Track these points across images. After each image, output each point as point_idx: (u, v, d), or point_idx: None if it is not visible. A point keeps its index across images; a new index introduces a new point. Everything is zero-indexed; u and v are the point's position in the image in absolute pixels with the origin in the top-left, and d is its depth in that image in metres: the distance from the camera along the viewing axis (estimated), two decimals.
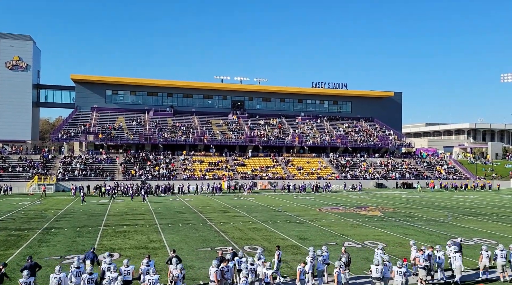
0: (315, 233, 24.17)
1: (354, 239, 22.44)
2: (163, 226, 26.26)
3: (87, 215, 31.23)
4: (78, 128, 62.82)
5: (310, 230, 25.16)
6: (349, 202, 42.16)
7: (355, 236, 23.34)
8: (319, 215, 32.16)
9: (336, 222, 28.35)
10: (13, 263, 17.26)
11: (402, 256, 17.29)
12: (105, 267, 13.49)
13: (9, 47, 67.12)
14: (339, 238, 22.77)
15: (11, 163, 55.01)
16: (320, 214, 32.75)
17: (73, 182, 51.21)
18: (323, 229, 25.70)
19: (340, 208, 36.43)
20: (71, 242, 21.51)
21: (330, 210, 34.96)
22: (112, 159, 59.18)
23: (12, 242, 21.29)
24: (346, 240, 22.09)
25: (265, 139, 69.29)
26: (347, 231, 24.96)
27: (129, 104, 73.34)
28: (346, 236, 23.18)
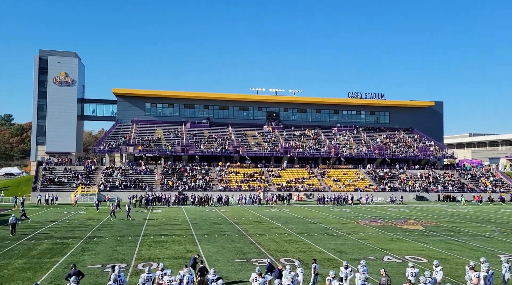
0: (352, 247, 23.60)
1: (394, 253, 21.72)
2: (200, 237, 26.51)
3: (127, 224, 32.06)
4: (119, 140, 65.04)
5: (348, 243, 24.60)
6: (388, 215, 40.93)
7: (395, 250, 22.59)
8: (357, 228, 31.42)
9: (374, 236, 27.57)
10: (58, 271, 17.95)
11: (446, 272, 16.52)
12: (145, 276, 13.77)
13: (57, 63, 70.85)
14: (378, 252, 22.11)
15: (57, 174, 57.61)
16: (358, 227, 31.99)
17: (114, 192, 52.97)
18: (361, 242, 25.06)
19: (378, 221, 35.44)
20: (112, 251, 22.12)
21: (368, 223, 34.07)
22: (150, 170, 60.70)
23: (57, 250, 22.17)
24: (385, 254, 21.42)
25: (301, 150, 68.86)
26: (387, 245, 24.20)
27: (167, 116, 75.25)
28: (386, 250, 22.47)
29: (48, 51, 71.84)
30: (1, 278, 16.67)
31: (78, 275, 13.95)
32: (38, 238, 25.55)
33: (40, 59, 71.13)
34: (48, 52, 71.65)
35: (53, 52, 71.98)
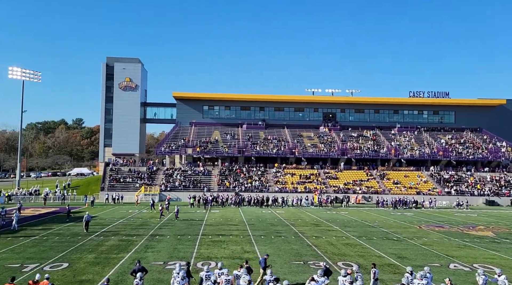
0: (415, 252, 22.56)
1: (461, 261, 20.46)
2: (256, 238, 26.72)
3: (187, 224, 33.12)
4: (179, 142, 67.45)
5: (410, 249, 23.56)
6: (454, 220, 38.64)
7: (462, 257, 21.27)
8: (420, 233, 29.99)
9: (439, 241, 26.15)
10: (124, 266, 18.96)
11: None
12: (203, 274, 14.14)
13: (122, 69, 75.04)
14: (443, 259, 20.94)
15: (122, 174, 60.96)
16: (421, 232, 30.53)
17: (174, 192, 55.13)
18: (424, 248, 23.88)
19: (443, 226, 33.57)
20: (172, 249, 22.96)
21: (432, 228, 32.39)
22: (208, 171, 62.28)
23: (123, 247, 23.42)
24: (451, 261, 20.24)
25: (358, 151, 67.12)
26: (453, 251, 22.86)
27: (223, 119, 76.82)
28: (452, 257, 21.23)
29: (115, 58, 76.26)
30: (74, 271, 17.93)
31: (142, 271, 14.62)
32: (106, 235, 27.17)
33: (107, 66, 75.74)
34: (115, 59, 76.06)
35: (118, 59, 76.31)
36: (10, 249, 22.32)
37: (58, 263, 19.27)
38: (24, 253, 21.37)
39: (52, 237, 26.30)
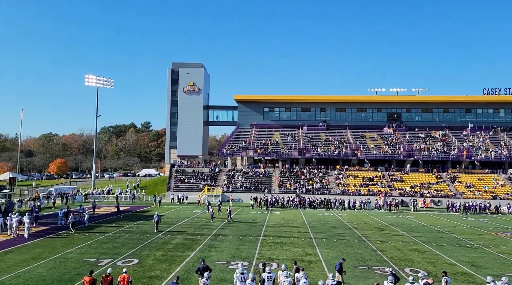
0: (491, 261, 20.94)
1: None
2: (318, 240, 26.37)
3: (248, 225, 33.54)
4: (240, 143, 68.59)
5: (486, 257, 21.91)
6: None
7: None
8: (497, 240, 27.78)
9: None
10: (189, 264, 19.63)
11: None
12: (265, 276, 14.21)
13: (186, 74, 77.93)
14: None
15: (186, 175, 63.26)
16: (498, 239, 28.27)
17: (236, 193, 56.12)
18: (502, 257, 22.09)
19: None
20: (235, 249, 23.36)
21: (511, 236, 29.86)
22: (269, 173, 62.64)
23: (188, 245, 24.26)
24: None
25: (426, 153, 63.74)
26: None
27: (284, 120, 76.86)
28: None
29: (179, 64, 79.41)
30: (144, 267, 18.89)
31: (207, 270, 15.02)
32: (172, 233, 28.31)
33: (172, 71, 79.08)
34: (179, 64, 79.20)
35: (183, 64, 79.34)
36: (87, 245, 24.05)
37: (129, 259, 20.42)
38: (99, 249, 22.91)
39: (124, 234, 27.93)
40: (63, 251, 22.07)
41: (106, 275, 14.00)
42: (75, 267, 18.70)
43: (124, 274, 13.98)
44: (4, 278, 16.87)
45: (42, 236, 26.91)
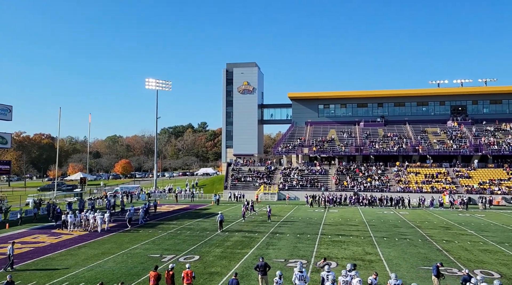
0: None
1: None
2: (378, 239, 25.58)
3: (305, 223, 33.31)
4: (295, 141, 68.27)
5: None
6: None
7: None
8: None
9: None
10: (248, 261, 19.89)
11: None
12: (324, 274, 14.03)
13: (240, 74, 79.00)
14: None
15: (243, 174, 64.13)
16: None
17: (292, 191, 56.00)
18: None
19: None
20: (293, 247, 23.31)
21: None
22: (325, 170, 61.76)
23: (246, 243, 24.59)
24: None
25: (496, 147, 59.43)
26: None
27: (339, 117, 75.36)
28: None
29: (233, 64, 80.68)
30: (205, 264, 19.43)
31: (266, 267, 15.14)
32: (231, 231, 28.83)
33: (227, 71, 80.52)
34: (233, 65, 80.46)
35: (237, 64, 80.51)
36: (151, 241, 25.19)
37: (190, 255, 21.10)
38: (163, 245, 23.91)
39: (185, 231, 28.91)
40: (130, 247, 23.30)
41: (169, 270, 14.57)
42: (141, 262, 19.66)
43: (187, 270, 14.47)
44: (78, 271, 18.14)
45: (112, 232, 28.60)
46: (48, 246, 23.88)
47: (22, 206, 44.20)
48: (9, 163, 48.78)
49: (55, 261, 20.13)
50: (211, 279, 16.84)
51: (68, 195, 58.16)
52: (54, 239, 25.95)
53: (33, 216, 35.92)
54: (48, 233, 28.36)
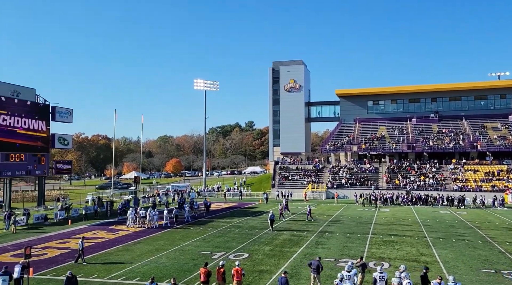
0: None
1: None
2: (434, 240, 24.50)
3: (355, 222, 32.59)
4: (343, 139, 66.97)
5: None
6: None
7: None
8: None
9: None
10: (297, 260, 19.80)
11: None
12: (377, 275, 13.65)
13: (286, 72, 78.73)
14: None
15: (290, 172, 63.92)
16: None
17: (340, 190, 55.05)
18: None
19: None
20: (342, 246, 22.90)
21: None
22: (375, 169, 60.07)
23: (295, 241, 24.48)
24: None
25: None
26: None
27: (390, 113, 72.98)
28: None
29: (280, 62, 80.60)
30: (254, 262, 19.58)
31: (319, 267, 15.04)
32: (279, 229, 28.82)
33: (273, 70, 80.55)
34: (279, 63, 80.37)
35: (283, 62, 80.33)
36: (202, 238, 25.78)
37: (239, 253, 21.35)
38: (213, 242, 24.39)
39: (234, 229, 29.30)
40: (182, 244, 23.98)
41: (219, 267, 14.82)
42: (192, 259, 20.18)
43: (237, 267, 14.65)
44: (134, 266, 18.95)
45: (164, 229, 29.60)
46: (107, 241, 25.14)
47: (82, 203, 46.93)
48: (70, 163, 51.98)
49: (113, 256, 21.16)
50: (261, 277, 16.93)
51: (124, 193, 60.89)
52: (112, 235, 27.28)
53: (94, 213, 38.01)
54: (106, 229, 29.87)
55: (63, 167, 48.80)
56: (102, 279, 16.94)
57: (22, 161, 40.11)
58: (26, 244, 22.80)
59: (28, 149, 40.89)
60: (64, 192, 65.96)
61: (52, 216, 35.48)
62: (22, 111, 40.26)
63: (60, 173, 51.30)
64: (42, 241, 25.65)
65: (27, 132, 40.82)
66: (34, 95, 42.34)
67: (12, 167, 39.18)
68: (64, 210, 37.19)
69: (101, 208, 40.08)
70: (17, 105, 39.78)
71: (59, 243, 24.90)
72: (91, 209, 38.72)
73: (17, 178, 55.77)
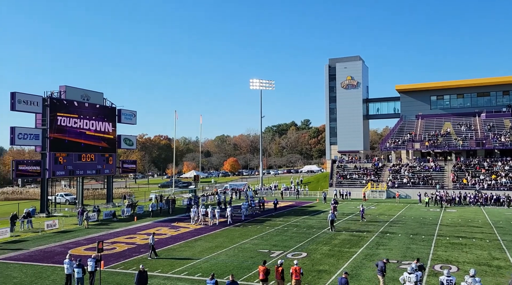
0: None
1: None
2: (508, 243, 22.79)
3: (419, 223, 31.16)
4: (404, 136, 64.24)
5: None
6: None
7: None
8: None
9: None
10: (357, 261, 19.33)
11: None
12: (444, 279, 12.97)
13: (343, 69, 77.03)
14: None
15: (348, 171, 62.52)
16: None
17: (402, 189, 52.89)
18: None
19: None
20: (405, 248, 21.99)
21: None
22: (440, 167, 56.97)
23: (354, 242, 23.91)
24: None
25: None
26: None
27: (456, 108, 68.86)
28: None
29: (336, 59, 79.08)
30: (312, 261, 19.40)
31: (382, 269, 14.64)
32: (338, 229, 28.30)
33: (329, 67, 79.20)
34: (336, 60, 78.86)
35: (339, 59, 78.72)
36: (260, 237, 26.01)
37: (298, 252, 21.26)
38: (271, 241, 24.51)
39: (291, 228, 29.24)
40: (240, 241, 24.36)
41: (278, 266, 14.85)
42: (251, 257, 20.42)
43: (295, 266, 14.61)
44: (195, 262, 19.56)
45: (223, 226, 30.25)
46: (169, 238, 26.19)
47: (146, 201, 49.29)
48: (135, 162, 54.84)
49: (175, 252, 22.00)
50: (320, 277, 16.74)
51: (184, 191, 63.12)
52: (174, 232, 28.38)
53: (158, 210, 39.79)
54: (168, 226, 31.12)
55: (128, 166, 51.58)
56: (165, 274, 17.67)
57: (92, 161, 42.97)
58: (97, 238, 24.40)
59: (98, 150, 43.71)
60: (129, 190, 69.71)
61: (120, 213, 37.62)
62: (92, 114, 43.13)
63: (126, 172, 54.24)
64: (111, 236, 27.30)
65: (96, 134, 43.68)
66: (102, 99, 45.14)
67: (84, 167, 42.11)
68: (130, 207, 39.29)
69: (167, 205, 41.67)
70: (87, 109, 42.69)
71: (126, 238, 26.35)
72: (154, 206, 40.57)
73: (88, 177, 59.74)
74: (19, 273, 18.29)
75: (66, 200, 51.72)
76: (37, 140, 38.10)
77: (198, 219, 32.19)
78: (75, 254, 20.94)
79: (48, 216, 38.07)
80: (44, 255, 21.92)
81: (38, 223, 32.05)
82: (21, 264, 19.88)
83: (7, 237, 27.33)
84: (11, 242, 25.93)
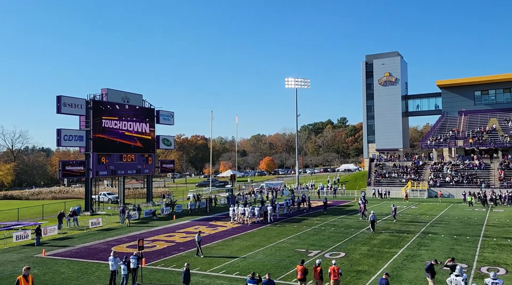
0: None
1: None
2: None
3: (463, 223, 29.96)
4: (446, 133, 61.88)
5: None
6: None
7: None
8: None
9: None
10: (397, 261, 18.84)
11: None
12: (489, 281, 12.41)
13: (381, 65, 75.18)
14: None
15: (387, 169, 60.98)
16: None
17: (444, 188, 50.96)
18: None
19: None
20: (449, 249, 21.22)
21: None
22: (486, 165, 54.44)
23: (394, 242, 23.32)
24: None
25: None
26: None
27: (502, 103, 65.51)
28: None
29: (373, 55, 77.31)
30: (351, 261, 19.10)
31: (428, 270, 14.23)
32: (377, 229, 27.66)
33: (366, 63, 77.54)
34: (373, 56, 77.10)
35: (376, 55, 76.89)
36: (297, 236, 25.90)
37: (335, 252, 20.99)
38: (308, 240, 24.35)
39: (329, 227, 28.91)
40: (277, 241, 24.36)
41: (316, 266, 14.73)
42: (288, 256, 20.38)
43: (333, 266, 14.43)
44: (233, 261, 19.76)
45: (259, 225, 30.37)
46: (207, 236, 26.58)
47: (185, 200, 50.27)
48: (173, 162, 56.09)
49: (213, 250, 22.31)
50: (359, 277, 16.46)
51: (221, 190, 63.88)
52: (211, 230, 28.79)
53: (196, 209, 40.51)
54: (206, 225, 31.61)
55: (167, 166, 52.83)
56: (204, 271, 17.96)
57: (133, 161, 44.35)
58: (138, 236, 25.15)
59: (138, 150, 45.06)
60: (168, 189, 71.38)
61: (159, 212, 38.61)
62: (132, 116, 44.52)
63: (164, 172, 55.59)
64: (151, 234, 28.07)
65: (136, 135, 45.05)
66: (141, 100, 46.47)
67: (125, 167, 43.54)
68: (169, 206, 40.23)
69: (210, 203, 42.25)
70: (127, 111, 44.10)
71: (166, 236, 27.01)
72: (193, 205, 41.33)
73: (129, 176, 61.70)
74: (67, 268, 19.18)
75: (109, 199, 53.71)
76: (81, 142, 39.75)
77: (238, 217, 32.39)
78: (118, 251, 21.69)
79: (92, 214, 39.68)
80: (89, 252, 22.86)
81: (83, 221, 33.49)
82: (68, 260, 20.83)
83: (55, 234, 28.75)
84: (59, 239, 27.26)
